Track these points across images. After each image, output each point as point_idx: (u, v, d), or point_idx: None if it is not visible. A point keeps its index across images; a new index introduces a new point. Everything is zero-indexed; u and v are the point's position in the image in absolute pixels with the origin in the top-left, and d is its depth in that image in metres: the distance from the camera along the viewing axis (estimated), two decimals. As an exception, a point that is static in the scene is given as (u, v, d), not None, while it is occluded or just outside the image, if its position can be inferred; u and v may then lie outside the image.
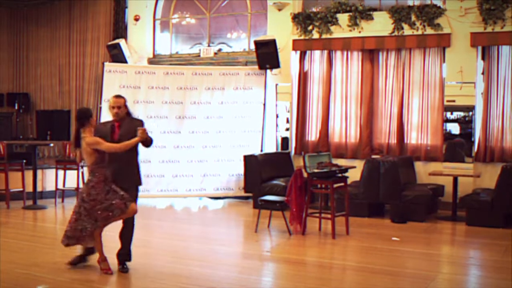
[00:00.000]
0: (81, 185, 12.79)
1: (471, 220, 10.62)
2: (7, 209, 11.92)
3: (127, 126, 7.15)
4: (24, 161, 12.46)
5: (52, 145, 14.67)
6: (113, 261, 7.20)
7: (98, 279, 6.93)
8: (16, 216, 11.39)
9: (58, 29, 17.22)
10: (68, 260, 7.41)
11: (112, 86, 13.19)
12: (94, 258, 7.33)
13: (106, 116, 10.71)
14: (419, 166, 12.35)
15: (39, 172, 12.74)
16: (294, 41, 13.47)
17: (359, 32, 12.91)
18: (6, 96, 17.65)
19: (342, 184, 9.85)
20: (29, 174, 12.34)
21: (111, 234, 7.43)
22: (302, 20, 13.37)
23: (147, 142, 7.16)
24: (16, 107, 17.37)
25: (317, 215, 10.07)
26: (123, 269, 7.18)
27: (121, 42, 14.76)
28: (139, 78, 13.46)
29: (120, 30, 15.89)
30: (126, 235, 7.32)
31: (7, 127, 17.11)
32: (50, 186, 13.11)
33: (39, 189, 12.68)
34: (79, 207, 6.96)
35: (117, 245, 7.32)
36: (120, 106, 7.18)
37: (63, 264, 7.55)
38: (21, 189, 12.35)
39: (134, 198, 7.17)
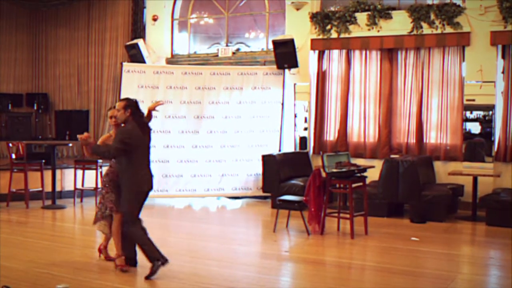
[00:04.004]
0: (99, 185, 12.87)
1: (491, 220, 10.53)
2: (26, 208, 11.99)
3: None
4: (43, 161, 12.52)
5: (71, 145, 14.74)
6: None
7: (117, 278, 6.94)
8: (35, 215, 11.46)
9: (77, 30, 17.29)
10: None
11: (130, 86, 13.21)
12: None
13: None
14: (438, 165, 12.26)
15: (58, 172, 12.81)
16: (313, 40, 13.43)
17: (378, 31, 12.84)
18: (25, 96, 17.75)
19: (360, 184, 9.81)
20: (48, 174, 12.42)
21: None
22: (321, 19, 13.32)
23: (93, 150, 7.03)
24: (35, 107, 17.47)
25: (336, 215, 10.03)
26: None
27: (140, 42, 14.80)
28: (157, 78, 13.46)
29: (138, 30, 15.94)
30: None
31: (26, 127, 17.19)
32: (69, 186, 13.17)
33: (58, 189, 12.75)
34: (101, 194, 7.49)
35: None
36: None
37: (81, 263, 7.58)
38: (40, 189, 12.41)
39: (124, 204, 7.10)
